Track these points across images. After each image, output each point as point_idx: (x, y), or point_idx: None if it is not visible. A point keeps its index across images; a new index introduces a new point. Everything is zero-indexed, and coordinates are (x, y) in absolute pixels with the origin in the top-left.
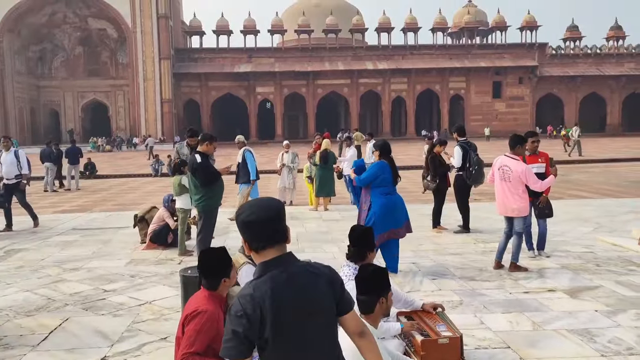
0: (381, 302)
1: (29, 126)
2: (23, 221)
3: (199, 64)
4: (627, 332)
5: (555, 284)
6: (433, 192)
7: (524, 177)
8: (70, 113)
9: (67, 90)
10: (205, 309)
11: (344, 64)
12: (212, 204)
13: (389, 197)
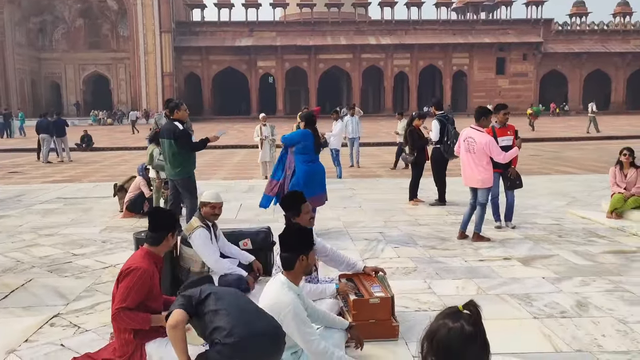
0: (301, 259)
1: (30, 98)
2: (9, 190)
3: (200, 37)
4: (566, 297)
5: (513, 253)
6: (411, 165)
7: (487, 148)
8: (71, 86)
9: (68, 62)
10: (138, 267)
11: (346, 39)
12: (192, 170)
13: (310, 164)
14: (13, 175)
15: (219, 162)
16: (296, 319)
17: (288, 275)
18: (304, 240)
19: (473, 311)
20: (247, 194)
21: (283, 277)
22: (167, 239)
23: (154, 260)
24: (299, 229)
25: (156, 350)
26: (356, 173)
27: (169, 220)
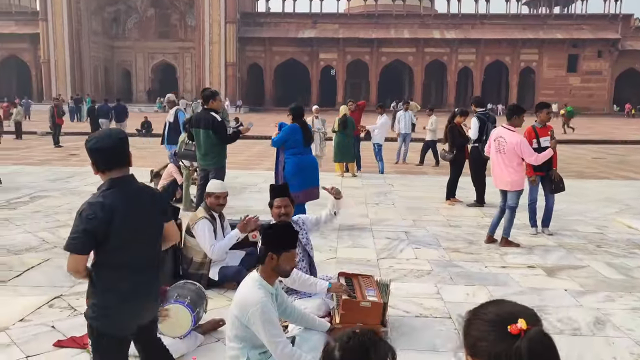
0: (270, 257)
1: (103, 85)
2: (62, 171)
3: (264, 28)
4: (584, 312)
5: (540, 262)
6: (450, 163)
7: (518, 149)
8: (141, 73)
9: (138, 51)
10: None
11: (410, 32)
12: (224, 162)
13: (299, 157)
14: (72, 157)
15: (266, 152)
16: (263, 319)
17: (262, 272)
18: (277, 240)
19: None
20: None
21: (257, 274)
22: None
23: None
24: (279, 226)
25: None
26: (401, 169)
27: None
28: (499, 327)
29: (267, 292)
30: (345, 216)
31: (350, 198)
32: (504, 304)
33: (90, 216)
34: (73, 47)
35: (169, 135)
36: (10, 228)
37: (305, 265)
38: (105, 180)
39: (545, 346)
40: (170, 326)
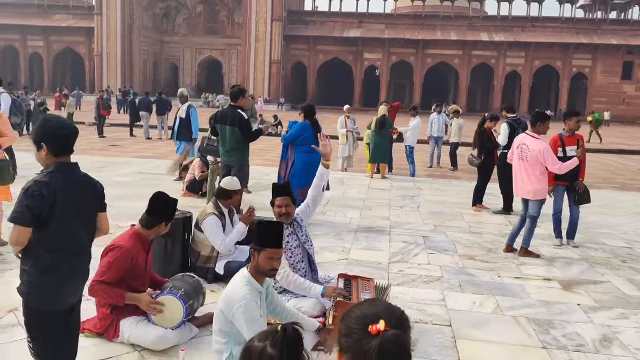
0: (253, 253)
1: (151, 78)
2: (98, 161)
3: (309, 27)
4: (592, 329)
5: (557, 274)
6: (477, 168)
7: (541, 157)
8: (187, 68)
9: (186, 46)
10: (122, 245)
11: (457, 34)
12: (247, 158)
13: (309, 155)
14: (111, 147)
15: None
16: (245, 316)
17: (250, 269)
18: (260, 237)
19: (287, 333)
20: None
21: (246, 271)
22: (159, 226)
23: (141, 242)
24: (267, 224)
25: (128, 327)
26: (434, 172)
27: (167, 211)
28: (362, 325)
29: (253, 290)
30: (366, 217)
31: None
32: (376, 304)
33: (35, 193)
34: (125, 41)
35: (180, 132)
36: None
37: (304, 266)
38: (51, 164)
39: (398, 348)
40: (162, 317)
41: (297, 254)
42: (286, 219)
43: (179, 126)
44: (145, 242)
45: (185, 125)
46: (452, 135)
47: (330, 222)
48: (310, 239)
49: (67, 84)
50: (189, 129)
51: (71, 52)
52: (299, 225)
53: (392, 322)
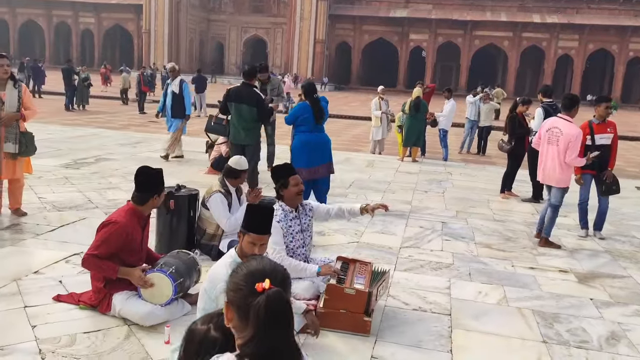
0: (240, 235)
1: (197, 57)
2: (134, 136)
3: (355, 6)
4: (601, 325)
5: (576, 267)
6: (507, 154)
7: (572, 142)
8: (233, 47)
9: (232, 24)
10: (117, 221)
11: (507, 15)
12: (260, 138)
13: (307, 134)
14: (150, 124)
15: (339, 132)
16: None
17: (238, 250)
18: (246, 220)
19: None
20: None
21: (234, 252)
22: (152, 200)
23: (137, 217)
24: (258, 208)
25: (119, 301)
26: (468, 158)
27: (154, 183)
28: (250, 282)
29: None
30: (388, 200)
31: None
32: (263, 262)
33: None
34: (172, 18)
35: (174, 108)
36: (66, 186)
37: (304, 252)
38: None
39: (281, 304)
40: (151, 293)
41: (299, 239)
42: (300, 198)
43: (173, 102)
44: (141, 218)
45: (178, 101)
46: (483, 119)
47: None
48: (310, 229)
49: (117, 60)
50: (183, 105)
51: (120, 29)
52: (305, 213)
53: (277, 281)
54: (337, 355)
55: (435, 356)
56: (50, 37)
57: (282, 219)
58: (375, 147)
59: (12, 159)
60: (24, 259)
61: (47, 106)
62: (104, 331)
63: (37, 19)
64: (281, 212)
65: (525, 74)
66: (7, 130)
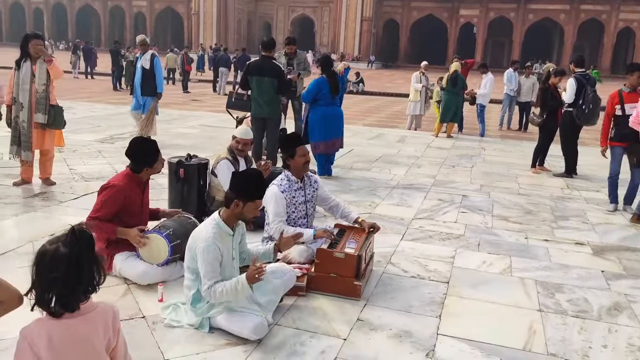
0: (236, 203)
1: (245, 36)
2: (172, 113)
3: None
4: (606, 296)
5: (595, 239)
6: (539, 128)
7: None
8: (280, 26)
9: (280, 4)
10: (115, 184)
11: None
12: (280, 110)
13: (324, 108)
14: (192, 102)
15: (378, 109)
16: (203, 256)
17: (224, 212)
18: (245, 188)
19: (76, 232)
20: (380, 142)
21: (217, 215)
22: (145, 171)
23: (135, 181)
24: (248, 175)
25: (119, 261)
26: (508, 134)
27: (145, 155)
28: None
29: (220, 232)
30: (411, 174)
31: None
32: None
33: None
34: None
35: (143, 86)
36: (98, 159)
37: (305, 222)
38: None
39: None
40: (149, 254)
41: (301, 210)
42: (307, 168)
43: (143, 79)
44: (140, 182)
45: (149, 78)
46: (524, 94)
47: (371, 178)
48: (313, 201)
49: (168, 42)
50: (154, 81)
51: (171, 11)
52: (310, 184)
53: None
54: (324, 316)
55: (421, 320)
56: (105, 20)
57: (286, 189)
58: (412, 123)
59: (42, 129)
60: (43, 223)
61: (96, 86)
62: (104, 289)
63: (93, 4)
64: (286, 182)
65: (582, 48)
66: (37, 101)
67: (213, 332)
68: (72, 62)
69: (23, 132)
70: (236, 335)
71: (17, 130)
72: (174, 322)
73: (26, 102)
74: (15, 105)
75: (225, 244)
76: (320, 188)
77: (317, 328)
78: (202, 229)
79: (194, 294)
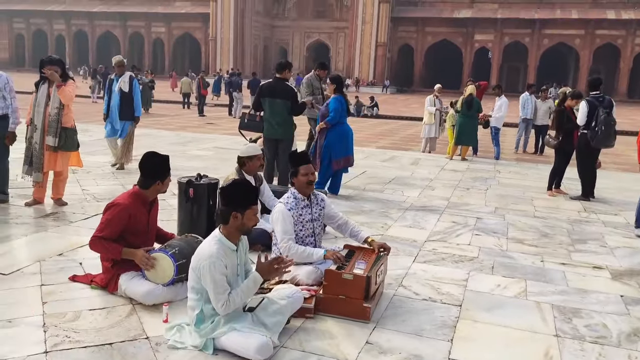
0: (234, 216)
1: (261, 61)
2: (187, 136)
3: (418, 8)
4: (625, 322)
5: (614, 264)
6: (555, 150)
7: None
8: (296, 52)
9: (295, 30)
10: (120, 204)
11: (578, 12)
12: (293, 133)
13: (342, 125)
14: (207, 125)
15: (392, 132)
16: (210, 274)
17: (224, 229)
18: (240, 197)
19: None
20: (393, 164)
21: (218, 231)
22: (155, 185)
23: (141, 201)
24: (239, 184)
25: (124, 281)
26: (524, 157)
27: (159, 169)
28: None
29: (223, 248)
30: (426, 196)
31: None
32: None
33: None
34: (237, 25)
35: (123, 109)
36: (110, 180)
37: (313, 241)
38: None
39: None
40: (154, 273)
41: (308, 228)
42: (311, 187)
43: (121, 102)
44: (146, 201)
45: (128, 101)
46: (540, 117)
47: (383, 200)
48: (322, 219)
49: (186, 67)
50: (131, 105)
51: (189, 37)
52: (317, 202)
53: None
54: (331, 339)
55: (432, 344)
56: (125, 46)
57: (293, 207)
58: (427, 146)
59: (53, 151)
60: (52, 243)
61: None
62: (109, 309)
63: (113, 30)
64: (293, 199)
65: (598, 73)
66: (49, 124)
67: (217, 353)
68: (92, 87)
69: (35, 154)
70: (240, 356)
71: (30, 151)
72: (178, 344)
73: (40, 124)
74: (31, 126)
75: (229, 260)
76: (327, 206)
77: (325, 351)
78: (205, 247)
79: (197, 315)
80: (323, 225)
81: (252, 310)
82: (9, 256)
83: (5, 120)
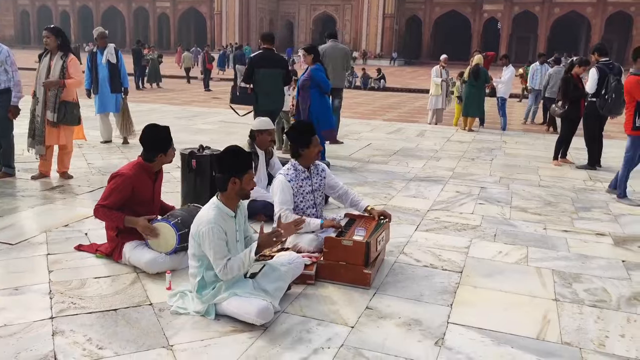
0: (233, 181)
1: None
2: (193, 110)
3: None
4: (625, 286)
5: (616, 230)
6: (561, 119)
7: None
8: (302, 25)
9: (302, 3)
10: (123, 174)
11: None
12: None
13: (326, 97)
14: (212, 100)
15: (399, 105)
16: (210, 239)
17: (222, 197)
18: (237, 163)
19: None
20: (398, 136)
21: (216, 199)
22: (159, 157)
23: (145, 171)
24: (234, 150)
25: (128, 249)
26: (532, 128)
27: (159, 141)
28: None
29: (221, 214)
30: (430, 167)
31: None
32: None
33: None
34: None
35: (114, 81)
36: (116, 154)
37: (314, 212)
38: None
39: None
40: (157, 242)
41: (309, 199)
42: (318, 158)
43: (111, 75)
44: (151, 172)
45: (117, 73)
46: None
47: (388, 171)
48: (322, 190)
49: (191, 42)
50: (119, 77)
51: (194, 11)
52: (317, 172)
53: None
54: (332, 304)
55: (432, 309)
56: (130, 21)
57: (293, 178)
58: (433, 117)
59: (53, 126)
60: (58, 214)
61: None
62: (113, 277)
63: (117, 5)
64: (293, 171)
65: (611, 42)
66: (48, 98)
67: (219, 319)
68: None
69: (37, 127)
70: (242, 320)
71: (34, 124)
72: (180, 309)
73: (41, 97)
74: (34, 98)
75: (228, 225)
76: (328, 176)
77: (325, 316)
78: (203, 213)
79: (199, 281)
80: (325, 196)
81: (253, 276)
82: (16, 227)
83: (7, 94)
